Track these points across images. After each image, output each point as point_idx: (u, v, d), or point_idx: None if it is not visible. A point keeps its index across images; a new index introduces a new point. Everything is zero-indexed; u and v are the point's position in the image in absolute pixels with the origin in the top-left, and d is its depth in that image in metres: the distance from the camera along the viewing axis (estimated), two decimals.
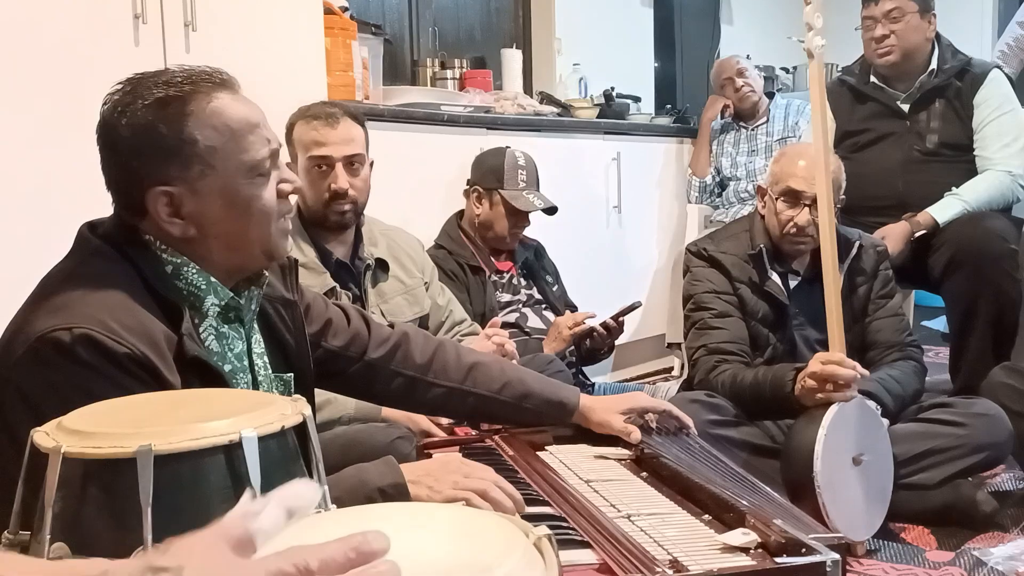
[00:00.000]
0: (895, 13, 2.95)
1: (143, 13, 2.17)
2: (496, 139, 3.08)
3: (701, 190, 4.01)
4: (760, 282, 2.32)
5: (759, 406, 2.15)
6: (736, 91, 3.99)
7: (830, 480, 1.86)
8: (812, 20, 1.97)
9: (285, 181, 1.26)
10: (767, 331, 2.32)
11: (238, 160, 1.20)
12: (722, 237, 2.46)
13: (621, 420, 1.62)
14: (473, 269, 2.73)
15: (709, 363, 2.25)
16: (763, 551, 1.16)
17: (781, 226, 2.31)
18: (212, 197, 1.19)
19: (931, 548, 2.06)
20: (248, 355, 1.27)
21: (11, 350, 1.09)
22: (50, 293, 1.14)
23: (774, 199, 2.33)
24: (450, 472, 1.30)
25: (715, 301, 2.33)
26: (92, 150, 1.22)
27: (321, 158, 2.12)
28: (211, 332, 1.22)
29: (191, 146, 1.17)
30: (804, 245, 2.33)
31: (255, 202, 1.22)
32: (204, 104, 1.19)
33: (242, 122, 1.20)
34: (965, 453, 2.16)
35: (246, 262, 1.25)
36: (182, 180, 1.18)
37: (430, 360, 1.57)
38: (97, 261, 1.18)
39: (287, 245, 1.30)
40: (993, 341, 2.68)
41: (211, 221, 1.20)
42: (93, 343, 1.05)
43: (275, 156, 1.25)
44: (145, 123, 1.17)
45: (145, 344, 1.09)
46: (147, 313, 1.13)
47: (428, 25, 4.01)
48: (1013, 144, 2.92)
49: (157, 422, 0.81)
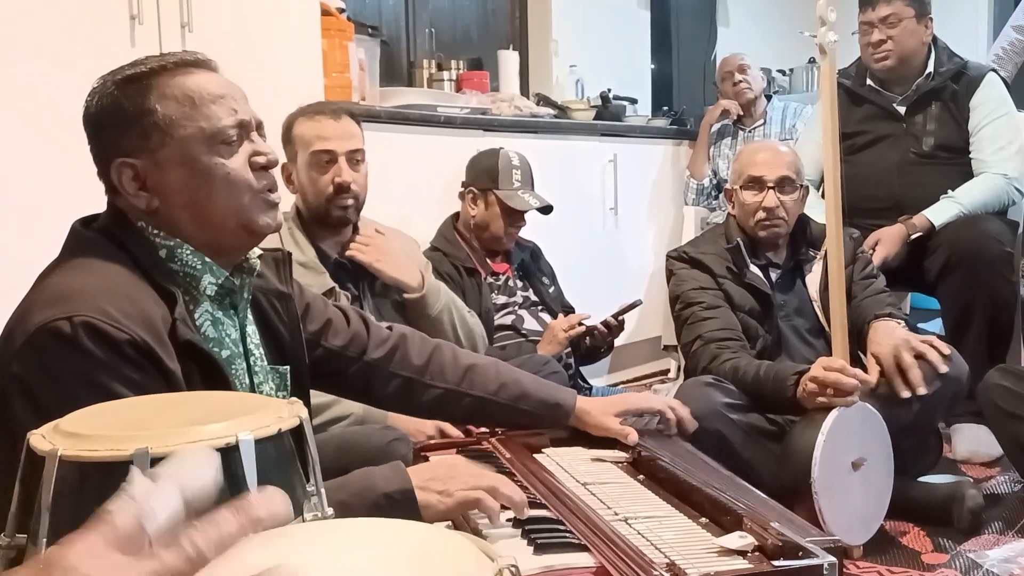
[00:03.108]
0: (892, 18, 2.96)
1: (139, 14, 2.17)
2: (493, 141, 3.08)
3: (698, 192, 4.02)
4: (741, 274, 2.36)
5: (760, 401, 2.16)
6: (734, 86, 4.01)
7: (827, 486, 1.86)
8: (825, 15, 1.95)
9: (259, 153, 1.24)
10: (755, 323, 2.34)
11: (196, 127, 1.19)
12: (700, 241, 2.53)
13: (617, 422, 1.62)
14: (469, 271, 2.73)
15: (709, 353, 2.26)
16: (760, 554, 1.16)
17: (751, 214, 2.37)
18: (173, 167, 1.19)
19: (927, 551, 2.06)
20: (243, 342, 1.26)
21: (10, 342, 1.08)
22: (46, 285, 1.14)
23: (739, 192, 2.41)
24: (458, 473, 1.30)
25: (703, 295, 2.35)
26: (87, 150, 1.22)
27: (325, 152, 2.13)
28: (207, 318, 1.21)
29: (149, 116, 1.18)
30: (778, 228, 2.37)
31: (217, 169, 1.20)
32: (167, 78, 1.19)
33: (203, 92, 1.20)
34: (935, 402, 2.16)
35: (220, 236, 1.22)
36: (143, 151, 1.19)
37: (427, 362, 1.57)
38: (91, 251, 1.18)
39: (269, 220, 1.26)
40: (988, 344, 2.68)
41: (173, 191, 1.19)
42: (94, 330, 1.05)
43: (244, 127, 1.23)
44: (111, 99, 1.19)
45: (144, 330, 1.08)
46: (145, 298, 1.13)
47: (424, 26, 4.01)
48: (1008, 147, 2.92)
49: (153, 425, 0.81)
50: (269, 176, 1.25)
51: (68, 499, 0.77)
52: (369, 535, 0.73)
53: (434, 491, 1.27)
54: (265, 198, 1.24)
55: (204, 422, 0.80)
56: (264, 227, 1.26)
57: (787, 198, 2.36)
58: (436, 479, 1.29)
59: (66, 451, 0.77)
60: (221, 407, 0.86)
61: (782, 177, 2.37)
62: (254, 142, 1.24)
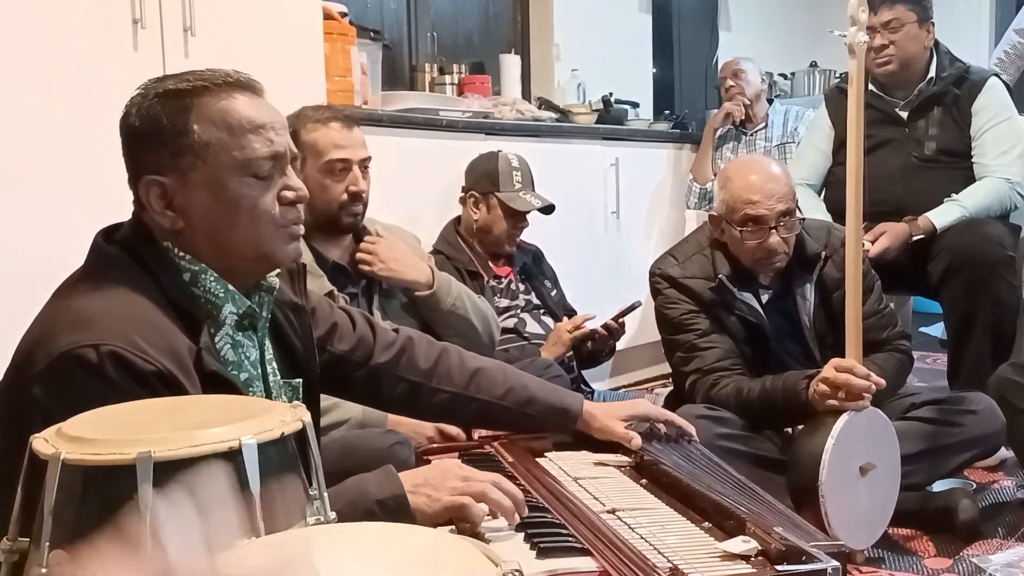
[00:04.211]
0: (894, 24, 2.96)
1: (142, 18, 2.17)
2: (495, 144, 3.07)
3: (700, 196, 4.02)
4: (731, 305, 2.24)
5: (770, 415, 2.12)
6: (726, 91, 4.03)
7: (834, 489, 1.85)
8: (856, 14, 1.92)
9: (289, 188, 1.24)
10: (749, 350, 2.26)
11: (230, 156, 1.19)
12: (684, 257, 2.34)
13: (623, 426, 1.62)
14: (471, 274, 2.73)
15: (707, 383, 2.20)
16: (763, 559, 1.15)
17: (750, 253, 2.21)
18: (200, 190, 1.19)
19: (929, 555, 2.06)
20: (261, 362, 1.27)
21: (32, 363, 1.07)
22: (69, 306, 1.13)
23: (735, 228, 2.20)
24: (449, 478, 1.29)
25: (696, 320, 2.25)
26: (91, 153, 1.23)
27: (341, 160, 2.12)
28: (227, 341, 1.21)
29: (186, 136, 1.18)
30: (780, 263, 2.23)
31: (243, 201, 1.20)
32: (210, 99, 1.19)
33: (243, 119, 1.20)
34: (961, 450, 2.16)
35: (237, 263, 1.23)
36: (174, 170, 1.19)
37: (434, 365, 1.56)
38: (115, 271, 1.17)
39: (292, 252, 1.27)
40: (991, 348, 2.67)
41: (198, 215, 1.19)
42: (120, 360, 1.04)
43: (278, 159, 1.23)
44: (151, 112, 1.19)
45: (170, 360, 1.08)
46: (170, 326, 1.13)
47: (427, 30, 4.01)
48: (1010, 152, 2.92)
49: (157, 429, 0.81)
50: (296, 211, 1.26)
51: (71, 503, 0.77)
52: (374, 540, 0.73)
53: (423, 494, 1.27)
54: (288, 231, 1.25)
55: (207, 426, 0.80)
56: (284, 259, 1.27)
57: (789, 234, 2.19)
58: (427, 483, 1.28)
59: (69, 455, 0.77)
60: (224, 411, 0.86)
61: (783, 212, 2.17)
62: (286, 175, 1.24)
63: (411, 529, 0.75)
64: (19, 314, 1.22)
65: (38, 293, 1.21)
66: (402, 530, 0.75)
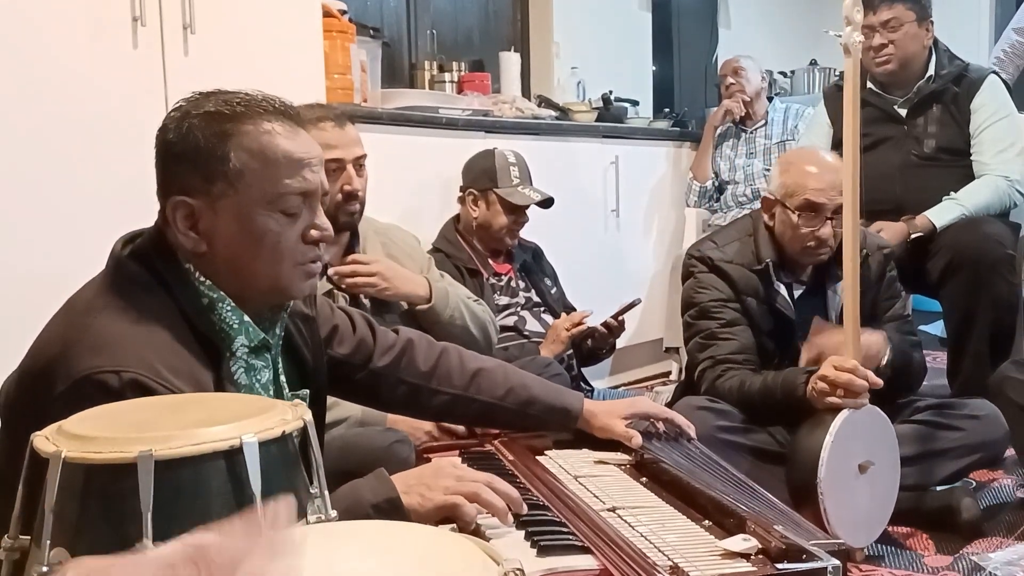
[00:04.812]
0: (893, 23, 2.96)
1: (142, 16, 2.16)
2: (494, 142, 3.07)
3: (700, 194, 4.02)
4: (767, 297, 2.25)
5: (769, 410, 2.11)
6: (726, 88, 4.03)
7: (833, 487, 1.85)
8: (851, 14, 1.92)
9: (315, 228, 1.24)
10: (772, 343, 2.27)
11: (262, 189, 1.19)
12: (724, 241, 2.35)
13: (623, 424, 1.62)
14: (471, 272, 2.73)
15: (715, 373, 2.21)
16: (764, 557, 1.16)
17: (801, 240, 2.22)
18: (227, 218, 1.19)
19: (929, 553, 2.06)
20: (275, 380, 1.28)
21: (51, 382, 1.07)
22: (89, 325, 1.12)
23: (791, 212, 2.21)
24: (442, 477, 1.29)
25: (722, 310, 2.25)
26: (90, 153, 1.22)
27: (334, 160, 2.11)
28: (241, 365, 1.22)
29: (221, 163, 1.18)
30: (824, 255, 2.24)
31: (268, 237, 1.20)
32: (251, 127, 1.19)
33: (279, 153, 1.19)
34: (962, 454, 2.16)
35: (252, 294, 1.23)
36: (204, 194, 1.19)
37: (434, 367, 1.56)
38: (136, 291, 1.17)
39: (307, 289, 1.28)
40: (991, 346, 2.68)
41: (222, 241, 1.20)
42: (143, 389, 1.04)
43: (309, 196, 1.23)
44: (189, 133, 1.19)
45: (191, 387, 1.09)
46: (190, 351, 1.14)
47: (426, 28, 4.01)
48: (1009, 150, 2.92)
49: (158, 427, 0.81)
50: (316, 250, 1.26)
51: (72, 501, 0.77)
52: (375, 539, 0.73)
53: (417, 494, 1.27)
54: (306, 269, 1.25)
55: (208, 424, 0.80)
56: (298, 295, 1.28)
57: (840, 229, 2.12)
58: (420, 483, 1.29)
59: (70, 453, 0.77)
60: (225, 409, 0.86)
61: (840, 206, 2.10)
62: (314, 212, 1.24)
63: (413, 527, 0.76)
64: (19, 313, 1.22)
65: (38, 293, 1.21)
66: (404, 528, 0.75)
